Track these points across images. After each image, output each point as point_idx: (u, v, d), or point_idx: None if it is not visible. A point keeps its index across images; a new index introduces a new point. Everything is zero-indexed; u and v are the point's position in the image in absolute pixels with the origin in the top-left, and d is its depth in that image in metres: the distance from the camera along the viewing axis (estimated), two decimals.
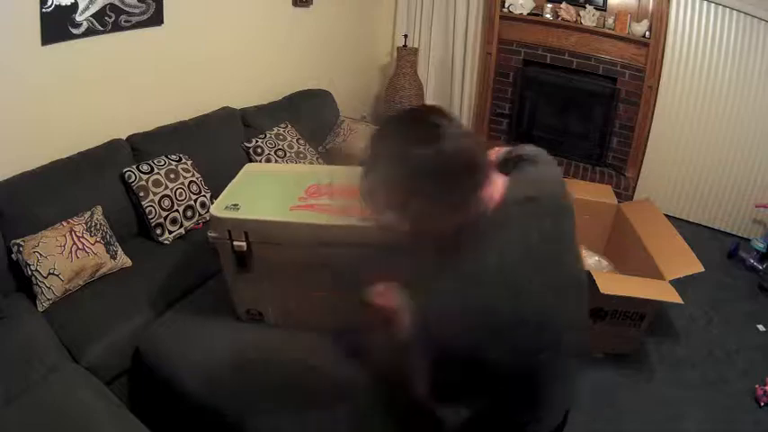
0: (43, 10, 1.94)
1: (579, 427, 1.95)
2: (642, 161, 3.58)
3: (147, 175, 2.21)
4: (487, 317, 0.76)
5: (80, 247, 1.89)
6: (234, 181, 1.60)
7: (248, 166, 1.73)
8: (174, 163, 2.33)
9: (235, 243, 1.41)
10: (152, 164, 2.26)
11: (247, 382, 1.43)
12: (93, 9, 2.12)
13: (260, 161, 2.74)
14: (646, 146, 3.53)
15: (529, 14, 3.60)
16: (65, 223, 1.93)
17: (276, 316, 1.60)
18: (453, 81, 4.11)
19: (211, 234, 1.43)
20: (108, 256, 1.98)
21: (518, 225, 0.83)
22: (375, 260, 1.00)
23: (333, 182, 1.49)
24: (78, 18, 2.08)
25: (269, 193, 1.53)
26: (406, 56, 3.85)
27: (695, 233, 3.21)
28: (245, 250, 1.42)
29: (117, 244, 2.05)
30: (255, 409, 1.37)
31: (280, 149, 2.83)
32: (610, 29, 3.35)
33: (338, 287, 1.32)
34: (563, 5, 3.45)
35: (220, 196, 1.49)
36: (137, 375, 1.76)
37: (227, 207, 1.42)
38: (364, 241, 1.18)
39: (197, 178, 2.38)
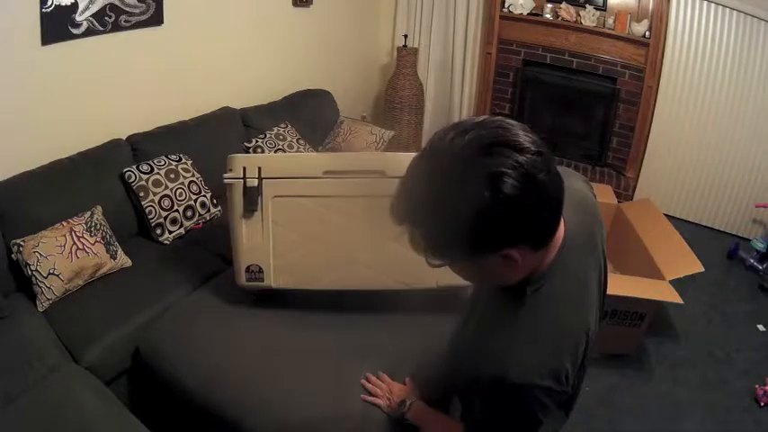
0: (43, 10, 1.94)
1: (579, 427, 1.95)
2: (642, 161, 3.58)
3: (147, 175, 2.21)
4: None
5: (80, 247, 1.89)
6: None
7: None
8: (174, 163, 2.33)
9: (247, 178, 1.47)
10: (152, 164, 2.26)
11: (247, 382, 1.43)
12: (93, 9, 2.12)
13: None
14: (646, 146, 3.53)
15: (529, 14, 3.60)
16: (65, 223, 1.93)
17: (276, 271, 1.57)
18: (453, 81, 4.10)
19: (226, 175, 1.49)
20: (108, 256, 1.98)
21: (576, 269, 0.78)
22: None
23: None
24: (78, 18, 2.08)
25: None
26: (406, 56, 3.85)
27: (695, 233, 3.22)
28: (255, 186, 1.48)
29: (117, 244, 2.05)
30: (255, 409, 1.37)
31: (280, 149, 2.83)
32: (610, 29, 3.35)
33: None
34: (563, 5, 3.45)
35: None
36: (137, 375, 1.76)
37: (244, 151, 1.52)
38: (375, 170, 1.27)
39: (197, 178, 2.38)
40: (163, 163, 2.30)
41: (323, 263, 1.54)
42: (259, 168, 1.47)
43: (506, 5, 3.63)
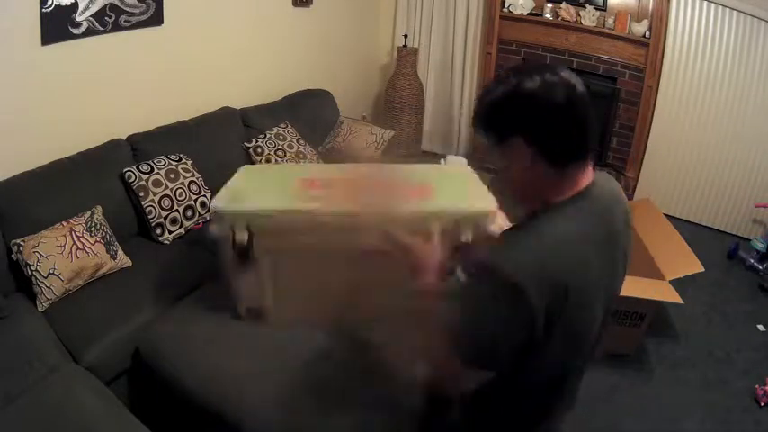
0: (43, 10, 1.94)
1: (579, 427, 1.95)
2: (642, 161, 3.58)
3: (147, 175, 2.21)
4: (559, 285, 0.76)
5: (80, 247, 1.89)
6: (232, 179, 1.60)
7: (244, 167, 1.75)
8: (174, 163, 2.33)
9: (236, 235, 1.40)
10: (152, 164, 2.26)
11: (247, 382, 1.43)
12: (93, 9, 2.12)
13: (260, 161, 2.75)
14: (646, 146, 3.53)
15: (529, 14, 3.60)
16: (65, 223, 1.93)
17: (277, 313, 1.58)
18: (453, 81, 4.10)
19: (213, 230, 1.43)
20: (108, 256, 1.98)
21: (594, 215, 0.84)
22: None
23: (327, 177, 1.52)
24: (78, 18, 2.08)
25: (268, 186, 1.56)
26: (406, 56, 3.85)
27: (695, 233, 3.21)
28: (245, 242, 1.41)
29: (117, 244, 2.05)
30: (255, 409, 1.37)
31: (280, 149, 2.83)
32: (610, 29, 3.35)
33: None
34: (563, 5, 3.45)
35: (220, 191, 1.50)
36: (137, 375, 1.76)
37: (228, 200, 1.43)
38: (365, 227, 1.20)
39: (197, 178, 2.38)
40: (163, 163, 2.30)
41: (320, 305, 1.49)
42: (247, 225, 1.39)
43: (506, 5, 3.63)
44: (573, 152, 0.81)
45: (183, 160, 2.37)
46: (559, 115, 0.78)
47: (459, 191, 1.46)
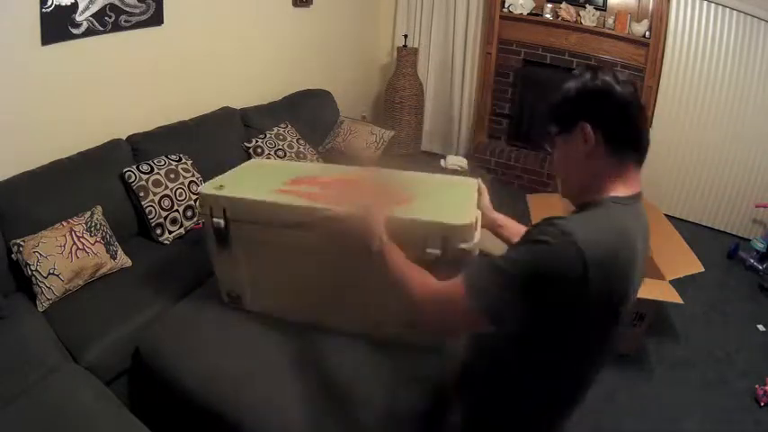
0: (43, 10, 1.94)
1: (579, 427, 1.95)
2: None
3: (147, 175, 2.21)
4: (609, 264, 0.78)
5: (80, 247, 1.89)
6: (234, 169, 1.67)
7: (252, 161, 1.78)
8: (174, 163, 2.33)
9: (214, 219, 1.44)
10: (152, 164, 2.26)
11: (247, 382, 1.43)
12: (93, 9, 2.12)
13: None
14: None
15: (529, 14, 3.60)
16: (65, 223, 1.93)
17: (252, 300, 1.61)
18: (453, 81, 4.11)
19: (198, 210, 1.46)
20: (108, 256, 1.98)
21: (637, 223, 0.88)
22: None
23: (322, 177, 1.51)
24: (78, 18, 2.08)
25: (255, 179, 1.57)
26: (406, 56, 3.85)
27: (695, 233, 3.22)
28: (222, 227, 1.45)
29: (117, 244, 2.05)
30: (255, 409, 1.37)
31: (280, 149, 2.83)
32: (610, 29, 3.35)
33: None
34: (563, 5, 3.45)
35: (215, 178, 1.56)
36: (137, 375, 1.76)
37: (212, 186, 1.47)
38: (338, 228, 1.22)
39: (197, 178, 2.38)
40: (163, 163, 2.30)
41: (294, 299, 1.54)
42: (224, 210, 1.43)
43: (506, 5, 3.64)
44: (632, 143, 0.89)
45: (183, 160, 2.37)
46: (625, 106, 0.86)
47: (439, 202, 1.38)
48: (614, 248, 0.80)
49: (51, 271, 1.80)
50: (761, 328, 2.54)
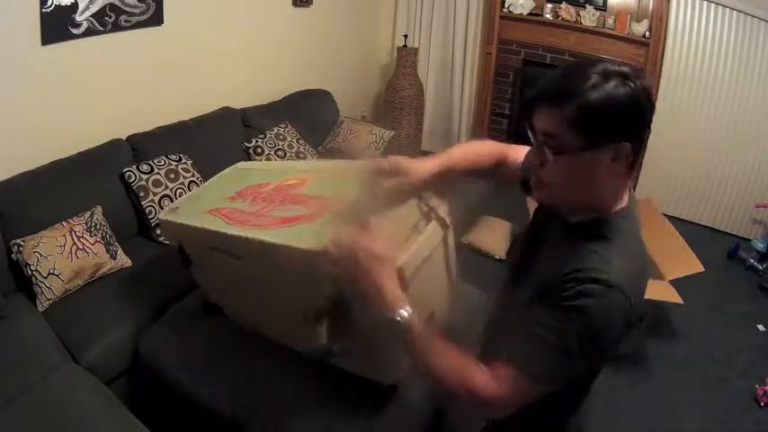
0: (43, 10, 1.94)
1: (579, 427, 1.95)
2: (642, 161, 3.58)
3: (147, 175, 2.21)
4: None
5: (80, 247, 1.89)
6: (210, 180, 1.68)
7: (234, 166, 1.76)
8: (174, 163, 2.33)
9: (170, 240, 1.51)
10: (152, 164, 2.26)
11: (247, 382, 1.43)
12: (93, 9, 2.12)
13: (260, 161, 2.75)
14: (646, 146, 3.53)
15: (529, 14, 3.60)
16: (65, 223, 1.93)
17: (230, 314, 1.64)
18: (453, 81, 4.10)
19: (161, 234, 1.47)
20: (108, 256, 1.98)
21: (637, 235, 0.84)
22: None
23: (272, 182, 1.44)
24: (78, 18, 2.08)
25: (210, 193, 1.55)
26: (406, 56, 3.85)
27: (695, 233, 3.21)
28: (177, 246, 1.49)
29: (117, 244, 2.05)
30: (255, 409, 1.37)
31: (280, 149, 2.83)
32: (610, 29, 3.35)
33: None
34: (563, 5, 3.45)
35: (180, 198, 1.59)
36: (137, 375, 1.76)
37: (168, 209, 1.51)
38: (249, 257, 1.20)
39: (197, 178, 2.38)
40: (163, 163, 2.30)
41: (245, 310, 1.56)
42: (180, 245, 1.47)
43: (506, 5, 3.64)
44: (640, 153, 0.79)
45: (183, 160, 2.37)
46: (651, 114, 0.77)
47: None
48: (646, 280, 0.83)
49: (51, 271, 1.80)
50: (761, 328, 2.54)
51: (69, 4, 2.02)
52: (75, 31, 2.08)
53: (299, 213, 1.19)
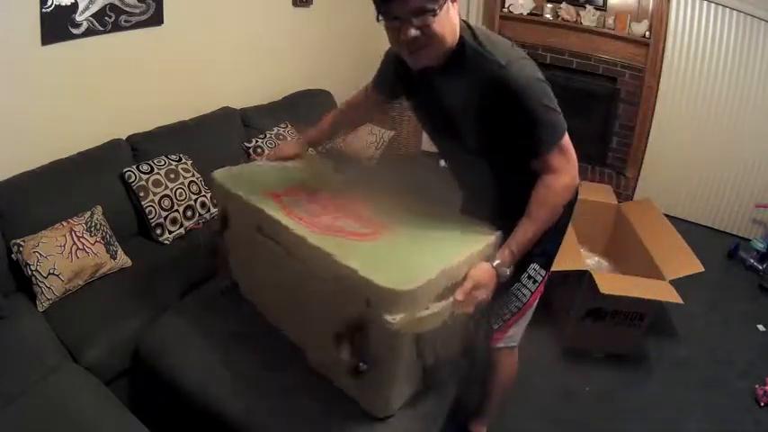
0: (43, 10, 1.94)
1: (579, 427, 1.95)
2: (642, 161, 3.58)
3: (147, 175, 2.21)
4: None
5: (80, 247, 1.89)
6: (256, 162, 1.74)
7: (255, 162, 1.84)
8: (174, 163, 2.33)
9: (219, 207, 1.58)
10: (152, 164, 2.26)
11: (248, 382, 1.43)
12: (93, 9, 2.12)
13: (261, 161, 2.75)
14: (646, 146, 3.53)
15: (529, 14, 3.60)
16: (65, 223, 1.93)
17: (244, 290, 1.66)
18: None
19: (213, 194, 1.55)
20: (108, 256, 1.98)
21: None
22: None
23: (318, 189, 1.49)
24: (78, 18, 2.08)
25: (264, 175, 1.59)
26: None
27: (695, 233, 3.21)
28: (225, 208, 1.55)
29: (117, 244, 2.05)
30: (256, 410, 1.37)
31: None
32: (610, 29, 3.35)
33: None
34: (563, 5, 3.45)
35: (235, 166, 1.63)
36: (137, 375, 1.76)
37: (226, 174, 1.55)
38: (293, 252, 1.25)
39: (197, 178, 2.38)
40: (163, 163, 2.30)
41: (267, 299, 1.58)
42: (224, 209, 1.54)
43: (506, 5, 3.64)
44: None
45: (183, 160, 2.37)
46: None
47: (406, 246, 1.18)
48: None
49: (51, 271, 1.80)
50: (761, 328, 2.54)
51: (69, 4, 2.02)
52: (75, 31, 2.08)
53: (354, 230, 1.26)
